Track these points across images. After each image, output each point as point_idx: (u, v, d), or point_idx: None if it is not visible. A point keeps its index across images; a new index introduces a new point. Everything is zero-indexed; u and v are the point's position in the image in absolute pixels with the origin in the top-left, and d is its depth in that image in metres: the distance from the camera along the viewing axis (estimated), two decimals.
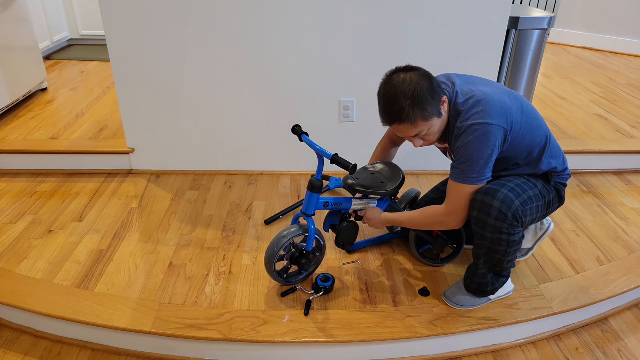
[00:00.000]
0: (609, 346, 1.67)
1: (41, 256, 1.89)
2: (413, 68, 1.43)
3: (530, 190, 1.52)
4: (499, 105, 1.44)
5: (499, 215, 1.45)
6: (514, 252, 1.54)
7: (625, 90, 3.60)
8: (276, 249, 1.64)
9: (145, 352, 1.62)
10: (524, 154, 1.53)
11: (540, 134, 1.54)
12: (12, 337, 1.68)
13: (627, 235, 2.07)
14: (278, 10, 2.16)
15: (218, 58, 2.26)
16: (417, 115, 1.39)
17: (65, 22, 4.39)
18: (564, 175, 1.62)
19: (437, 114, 1.42)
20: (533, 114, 1.54)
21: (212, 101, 2.37)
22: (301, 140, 1.63)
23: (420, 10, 2.18)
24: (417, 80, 1.38)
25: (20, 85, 3.06)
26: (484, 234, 1.50)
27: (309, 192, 1.61)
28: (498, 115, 1.42)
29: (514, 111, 1.46)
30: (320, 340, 1.54)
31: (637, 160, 2.62)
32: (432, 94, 1.39)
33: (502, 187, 1.48)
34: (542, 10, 2.53)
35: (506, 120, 1.44)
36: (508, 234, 1.48)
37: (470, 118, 1.43)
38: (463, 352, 1.64)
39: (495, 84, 1.55)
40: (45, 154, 2.50)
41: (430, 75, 1.44)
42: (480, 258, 1.58)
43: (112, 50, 2.24)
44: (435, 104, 1.41)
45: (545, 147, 1.55)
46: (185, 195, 2.33)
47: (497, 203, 1.44)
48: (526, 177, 1.57)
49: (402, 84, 1.38)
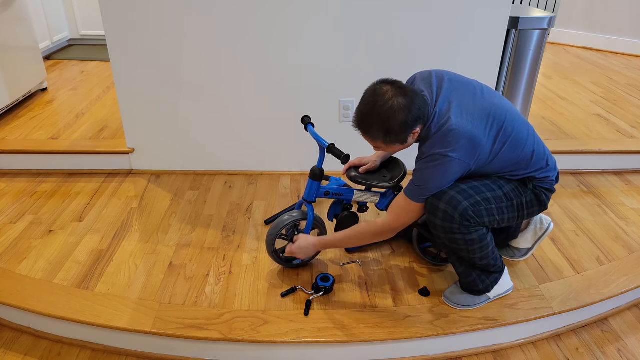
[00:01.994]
0: (609, 346, 1.67)
1: (41, 256, 1.89)
2: (403, 92, 1.40)
3: (488, 192, 1.50)
4: (468, 138, 1.40)
5: (445, 217, 1.47)
6: (480, 249, 1.53)
7: (625, 90, 3.60)
8: (280, 227, 1.72)
9: (145, 352, 1.62)
10: (493, 173, 1.54)
11: (518, 156, 1.50)
12: (12, 337, 1.68)
13: (627, 235, 2.07)
14: (278, 10, 2.16)
15: (218, 58, 2.26)
16: (380, 138, 1.44)
17: (65, 22, 4.39)
18: (547, 181, 1.57)
19: (400, 142, 1.45)
20: (516, 137, 1.48)
21: (213, 101, 2.37)
22: (306, 129, 1.73)
23: (421, 10, 2.18)
24: (397, 108, 1.38)
25: (20, 85, 3.06)
26: (437, 234, 1.54)
27: (310, 180, 1.69)
28: (463, 149, 1.41)
29: (483, 144, 1.43)
30: (320, 340, 1.54)
31: (637, 160, 2.62)
32: (404, 128, 1.41)
33: (452, 189, 1.48)
34: (542, 10, 2.53)
35: (471, 155, 1.42)
36: (462, 233, 1.49)
37: (435, 146, 1.42)
38: (463, 352, 1.65)
39: (481, 102, 1.47)
40: (45, 154, 2.50)
41: (413, 107, 1.40)
42: (451, 257, 1.62)
43: (112, 50, 2.25)
44: (403, 135, 1.43)
45: (520, 165, 1.52)
46: (185, 195, 2.33)
47: (443, 205, 1.47)
48: (494, 178, 1.54)
49: (383, 105, 1.39)
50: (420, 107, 1.42)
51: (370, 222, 1.58)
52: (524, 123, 1.53)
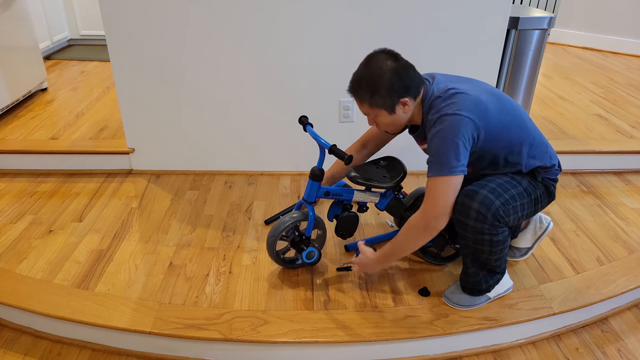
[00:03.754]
0: (609, 346, 1.67)
1: (41, 256, 1.89)
2: (397, 59, 1.45)
3: (513, 189, 1.51)
4: (473, 100, 1.44)
5: (477, 217, 1.46)
6: (500, 251, 1.54)
7: (625, 90, 3.60)
8: (281, 228, 1.72)
9: (145, 352, 1.62)
10: (502, 152, 1.52)
11: (522, 135, 1.52)
12: (12, 337, 1.68)
13: (627, 235, 2.07)
14: (278, 11, 2.16)
15: (218, 58, 2.26)
16: (366, 99, 1.47)
17: (65, 22, 4.39)
18: (552, 170, 1.60)
19: (385, 107, 1.47)
20: (516, 115, 1.52)
21: (213, 101, 2.37)
22: (305, 130, 1.71)
23: (421, 10, 2.18)
24: (387, 71, 1.42)
25: (20, 85, 3.06)
26: (465, 235, 1.52)
27: (310, 181, 1.68)
28: (469, 108, 1.43)
29: (489, 108, 1.46)
30: (320, 340, 1.54)
31: (637, 160, 2.62)
32: (389, 90, 1.43)
33: (482, 187, 1.48)
34: (542, 10, 2.53)
35: (478, 114, 1.43)
36: (490, 234, 1.48)
37: (440, 110, 1.45)
38: (463, 352, 1.64)
39: (478, 83, 1.54)
40: (45, 154, 2.50)
41: (404, 74, 1.44)
42: (467, 257, 1.60)
43: (112, 50, 2.25)
44: (388, 100, 1.45)
45: (526, 147, 1.53)
46: (185, 195, 2.33)
47: (476, 204, 1.45)
48: (510, 175, 1.56)
49: (374, 67, 1.44)
50: (413, 78, 1.46)
51: (411, 217, 1.52)
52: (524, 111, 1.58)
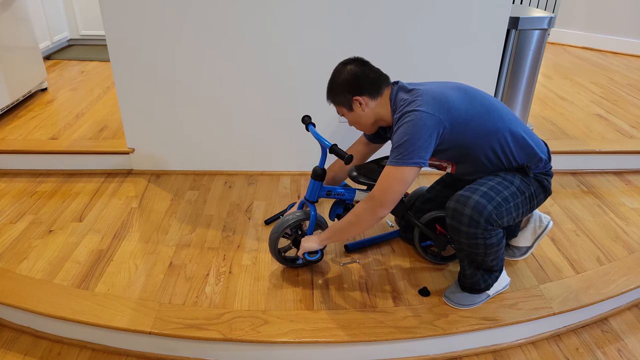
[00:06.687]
0: (609, 346, 1.67)
1: (41, 256, 1.89)
2: (361, 64, 1.56)
3: (505, 190, 1.50)
4: (432, 95, 1.48)
5: (470, 223, 1.47)
6: (495, 252, 1.55)
7: (625, 90, 3.60)
8: (284, 226, 1.73)
9: (145, 352, 1.62)
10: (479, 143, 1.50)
11: (496, 123, 1.50)
12: (12, 337, 1.68)
13: (627, 235, 2.07)
14: (278, 10, 2.16)
15: (218, 58, 2.26)
16: (330, 97, 1.61)
17: (65, 22, 4.39)
18: (542, 165, 1.58)
19: (345, 105, 1.58)
20: (487, 105, 1.51)
21: (212, 101, 2.37)
22: (307, 129, 1.74)
23: (421, 10, 2.18)
24: (346, 73, 1.55)
25: (20, 85, 3.06)
26: (459, 239, 1.53)
27: (312, 180, 1.69)
28: (429, 103, 1.46)
29: (452, 99, 1.48)
30: (320, 340, 1.54)
31: (637, 160, 2.62)
32: (344, 89, 1.55)
33: (474, 192, 1.48)
34: (542, 10, 2.53)
35: (438, 107, 1.45)
36: (484, 238, 1.49)
37: (403, 109, 1.50)
38: (463, 352, 1.65)
39: (449, 83, 1.57)
40: (45, 154, 2.50)
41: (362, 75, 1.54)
42: (463, 260, 1.62)
43: (112, 50, 2.25)
44: (344, 98, 1.56)
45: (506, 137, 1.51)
46: (185, 195, 2.33)
47: (468, 210, 1.46)
48: (502, 175, 1.55)
49: (337, 71, 1.58)
50: (372, 80, 1.54)
51: (359, 203, 1.56)
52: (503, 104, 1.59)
